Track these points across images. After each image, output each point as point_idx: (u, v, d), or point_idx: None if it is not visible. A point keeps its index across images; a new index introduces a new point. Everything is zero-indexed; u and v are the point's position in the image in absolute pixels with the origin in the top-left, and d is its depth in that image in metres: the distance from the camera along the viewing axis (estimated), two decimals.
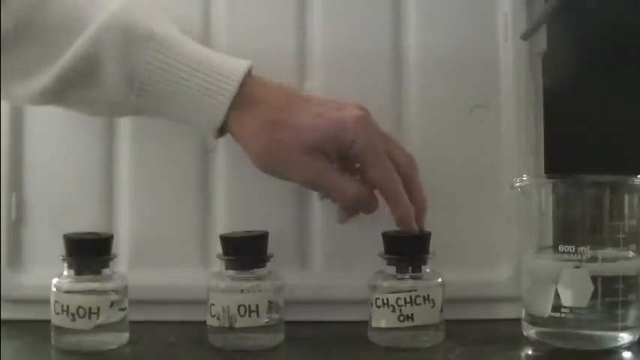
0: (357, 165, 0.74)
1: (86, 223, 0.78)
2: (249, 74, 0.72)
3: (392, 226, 0.77)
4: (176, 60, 0.71)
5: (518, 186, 0.73)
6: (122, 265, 0.78)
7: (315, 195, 0.80)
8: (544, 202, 0.73)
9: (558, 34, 0.84)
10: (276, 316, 0.73)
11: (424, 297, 0.72)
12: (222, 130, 0.73)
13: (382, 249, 0.74)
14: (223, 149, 0.81)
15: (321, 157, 0.72)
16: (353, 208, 0.74)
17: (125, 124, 0.81)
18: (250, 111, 0.72)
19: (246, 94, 0.72)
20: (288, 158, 0.71)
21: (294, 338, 0.74)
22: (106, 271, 0.73)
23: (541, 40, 0.81)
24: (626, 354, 0.70)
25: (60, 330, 0.72)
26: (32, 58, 0.71)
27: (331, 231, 0.80)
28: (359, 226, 0.79)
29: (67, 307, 0.71)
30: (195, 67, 0.71)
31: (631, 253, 0.71)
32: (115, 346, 0.72)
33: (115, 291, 0.72)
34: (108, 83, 0.71)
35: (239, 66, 0.72)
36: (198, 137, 0.80)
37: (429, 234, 0.74)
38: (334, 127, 0.72)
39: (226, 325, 0.71)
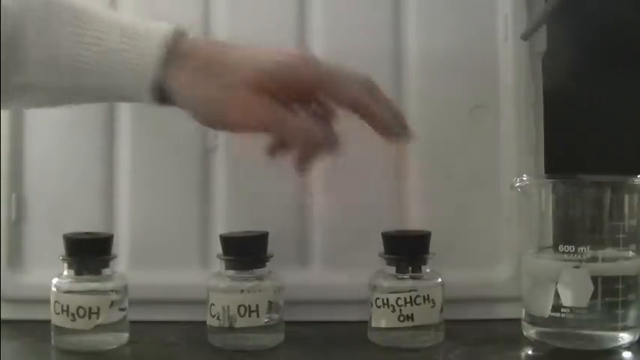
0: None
1: (86, 223, 0.78)
2: (181, 34, 0.69)
3: (392, 226, 0.77)
4: (98, 30, 0.68)
5: (518, 186, 0.73)
6: (122, 265, 0.78)
7: (314, 195, 0.80)
8: (544, 202, 0.73)
9: (558, 34, 0.84)
10: (276, 316, 0.73)
11: (424, 297, 0.72)
12: (162, 95, 0.69)
13: (382, 249, 0.74)
14: (223, 149, 0.81)
15: (268, 97, 0.67)
16: (312, 149, 0.69)
17: (125, 124, 0.81)
18: (185, 64, 0.68)
19: (179, 50, 0.68)
20: (233, 102, 0.67)
21: (294, 338, 0.74)
22: (106, 271, 0.73)
23: (541, 40, 0.81)
24: (626, 354, 0.70)
25: (60, 330, 0.72)
26: None
27: (331, 231, 0.80)
28: (359, 226, 0.79)
29: (67, 307, 0.71)
30: (120, 34, 0.68)
31: (631, 253, 0.71)
32: (115, 346, 0.72)
33: (115, 291, 0.72)
34: (33, 64, 0.67)
35: (165, 26, 0.69)
36: (198, 137, 0.81)
37: (429, 234, 0.74)
38: (287, 60, 0.68)
39: (226, 325, 0.72)
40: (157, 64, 0.68)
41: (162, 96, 0.69)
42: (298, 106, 0.70)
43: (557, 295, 0.70)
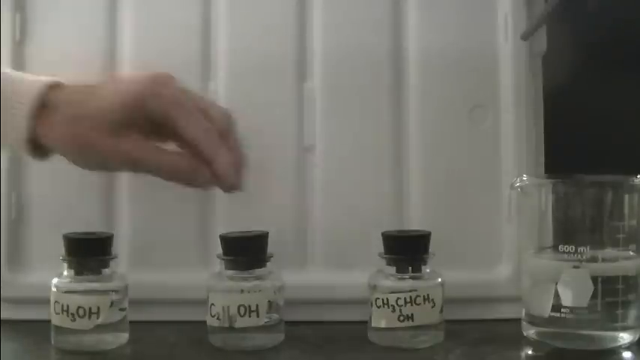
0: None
1: (86, 223, 0.78)
2: (55, 87, 0.72)
3: (392, 226, 0.77)
4: None
5: (518, 186, 0.73)
6: (122, 265, 0.78)
7: (314, 195, 0.80)
8: (544, 202, 0.73)
9: (558, 34, 0.84)
10: (276, 316, 0.73)
11: (424, 297, 0.72)
12: (38, 146, 0.72)
13: (382, 249, 0.74)
14: None
15: (131, 136, 0.70)
16: (180, 181, 0.71)
17: None
18: (54, 116, 0.71)
19: (49, 102, 0.71)
20: (95, 149, 0.70)
21: (294, 338, 0.74)
22: (106, 271, 0.73)
23: (541, 40, 0.81)
24: (626, 354, 0.70)
25: (60, 330, 0.72)
26: None
27: (331, 231, 0.80)
28: (359, 226, 0.79)
29: (67, 307, 0.71)
30: None
31: (631, 253, 0.71)
32: (115, 346, 0.72)
33: (115, 291, 0.72)
34: None
35: (40, 80, 0.72)
36: None
37: (429, 234, 0.74)
38: (129, 99, 0.70)
39: (226, 325, 0.72)
40: (28, 120, 0.70)
41: (42, 149, 0.72)
42: (166, 135, 0.72)
43: (557, 295, 0.70)
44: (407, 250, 0.73)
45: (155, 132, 0.71)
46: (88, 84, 0.73)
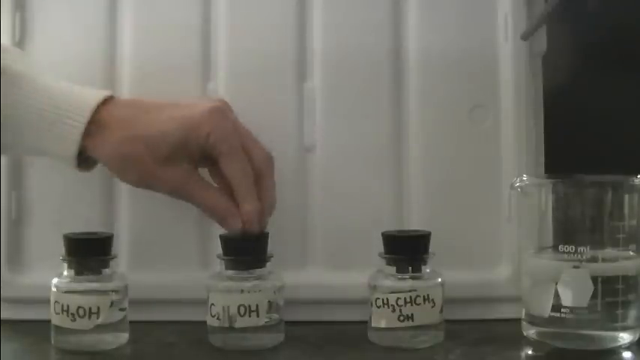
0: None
1: (86, 223, 0.78)
2: (107, 101, 0.72)
3: (392, 226, 0.77)
4: (28, 96, 0.71)
5: (518, 186, 0.73)
6: (122, 265, 0.78)
7: (314, 195, 0.80)
8: (544, 202, 0.73)
9: (558, 34, 0.84)
10: (276, 316, 0.73)
11: (424, 297, 0.72)
12: (86, 160, 0.73)
13: (382, 249, 0.74)
14: None
15: (181, 165, 0.72)
16: (214, 219, 0.74)
17: None
18: (104, 133, 0.71)
19: (101, 119, 0.71)
20: (144, 173, 0.72)
21: (294, 338, 0.74)
22: (106, 271, 0.73)
23: (541, 40, 0.81)
24: (626, 354, 0.70)
25: (60, 330, 0.72)
26: None
27: (331, 231, 0.80)
28: (359, 226, 0.79)
29: (67, 307, 0.71)
30: (47, 102, 0.71)
31: (631, 253, 0.71)
32: (115, 346, 0.72)
33: (115, 291, 0.72)
34: None
35: (93, 95, 0.72)
36: None
37: (429, 234, 0.74)
38: (186, 127, 0.72)
39: (226, 325, 0.71)
40: (81, 133, 0.71)
41: (89, 161, 0.73)
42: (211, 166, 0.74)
43: (557, 295, 0.70)
44: (407, 250, 0.73)
45: (202, 160, 0.73)
46: (140, 100, 0.74)
